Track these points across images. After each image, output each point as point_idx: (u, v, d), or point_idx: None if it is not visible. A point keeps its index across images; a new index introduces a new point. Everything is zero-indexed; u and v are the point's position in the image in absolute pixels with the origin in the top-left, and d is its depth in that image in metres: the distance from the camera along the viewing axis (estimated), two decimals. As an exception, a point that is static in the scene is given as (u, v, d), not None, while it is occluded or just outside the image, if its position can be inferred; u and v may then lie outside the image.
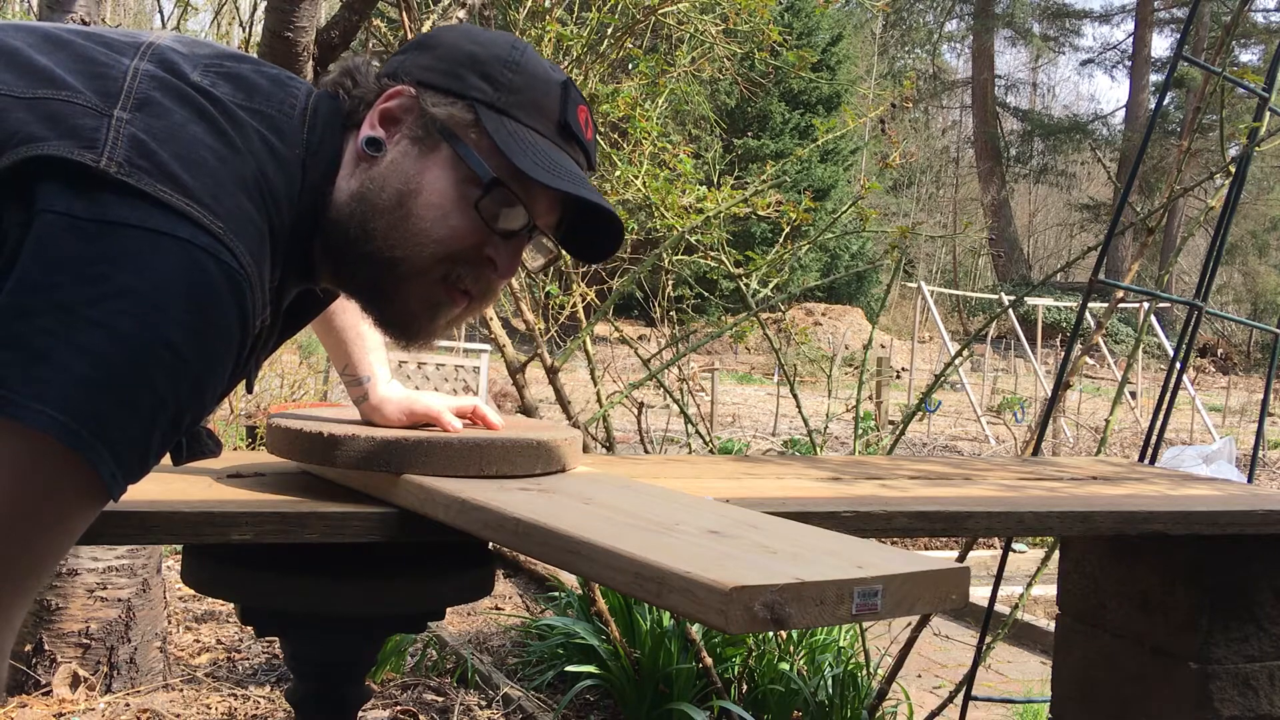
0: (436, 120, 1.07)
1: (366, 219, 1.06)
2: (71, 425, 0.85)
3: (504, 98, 1.08)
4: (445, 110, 1.07)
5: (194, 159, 0.93)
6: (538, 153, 1.08)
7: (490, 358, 8.41)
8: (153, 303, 0.87)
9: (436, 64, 1.10)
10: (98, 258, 0.87)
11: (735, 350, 19.82)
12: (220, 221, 0.92)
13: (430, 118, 1.07)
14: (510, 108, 1.09)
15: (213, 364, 0.93)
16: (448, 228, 1.07)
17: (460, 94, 1.08)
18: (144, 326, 0.87)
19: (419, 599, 1.39)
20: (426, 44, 1.13)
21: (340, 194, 1.07)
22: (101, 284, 0.86)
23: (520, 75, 1.10)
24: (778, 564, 0.98)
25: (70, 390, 0.84)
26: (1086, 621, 1.96)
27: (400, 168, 1.07)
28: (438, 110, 1.07)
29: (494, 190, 1.07)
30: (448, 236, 1.07)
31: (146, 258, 0.88)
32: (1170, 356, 2.80)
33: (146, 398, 0.88)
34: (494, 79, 1.09)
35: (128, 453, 0.89)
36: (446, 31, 1.14)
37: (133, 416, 0.88)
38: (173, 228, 0.89)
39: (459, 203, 1.07)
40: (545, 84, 1.11)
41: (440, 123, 1.07)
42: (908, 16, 36.24)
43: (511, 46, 1.11)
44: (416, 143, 1.07)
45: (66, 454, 0.86)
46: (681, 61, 4.10)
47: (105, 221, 0.88)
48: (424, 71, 1.09)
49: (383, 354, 1.47)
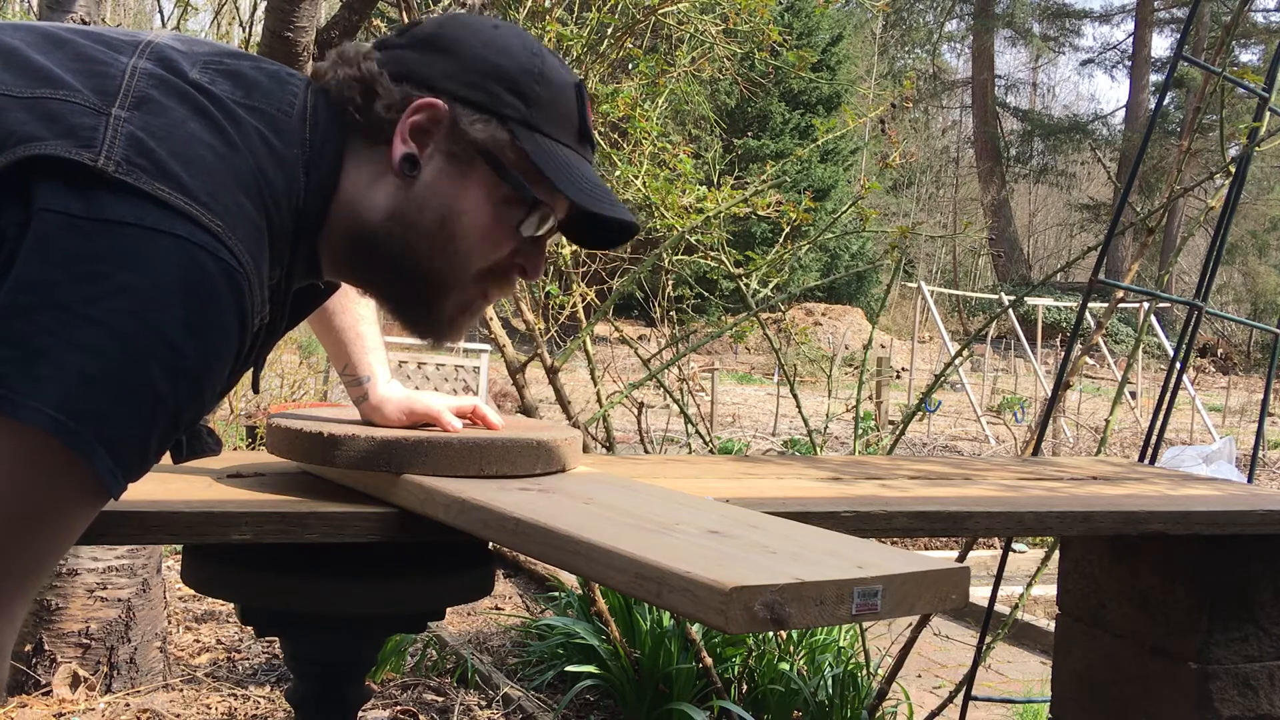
0: (476, 142, 1.07)
1: (409, 240, 1.07)
2: (70, 424, 0.85)
3: (535, 114, 1.08)
4: (482, 130, 1.07)
5: (192, 156, 0.93)
6: (573, 172, 1.09)
7: (490, 358, 8.41)
8: (150, 301, 0.87)
9: (462, 74, 1.08)
10: (95, 256, 0.87)
11: (735, 350, 19.82)
12: (218, 219, 0.92)
13: (468, 138, 1.07)
14: (541, 123, 1.09)
15: (211, 362, 0.93)
16: (492, 245, 1.10)
17: (493, 110, 1.07)
18: (142, 324, 0.87)
19: (419, 599, 1.39)
20: (443, 47, 1.09)
21: (368, 208, 1.07)
22: (99, 282, 0.86)
23: (545, 87, 1.10)
24: (778, 564, 0.98)
25: (68, 389, 0.84)
26: (1086, 621, 1.96)
27: (439, 189, 1.07)
28: (475, 131, 1.07)
29: (537, 209, 1.10)
30: (491, 253, 1.10)
31: (144, 256, 0.88)
32: (1170, 356, 2.80)
33: (145, 396, 0.88)
34: (524, 94, 1.08)
35: (126, 451, 0.89)
36: (460, 31, 1.11)
37: (131, 415, 0.88)
38: (170, 225, 0.89)
39: (501, 222, 1.10)
40: (565, 91, 1.11)
41: (479, 144, 1.07)
42: (908, 16, 36.23)
43: (532, 54, 1.11)
44: (452, 160, 1.07)
45: (65, 453, 0.86)
46: (681, 61, 4.10)
47: (103, 220, 0.88)
48: (450, 82, 1.07)
49: (383, 354, 1.47)
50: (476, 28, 1.12)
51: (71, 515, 0.90)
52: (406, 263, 1.08)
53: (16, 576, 0.88)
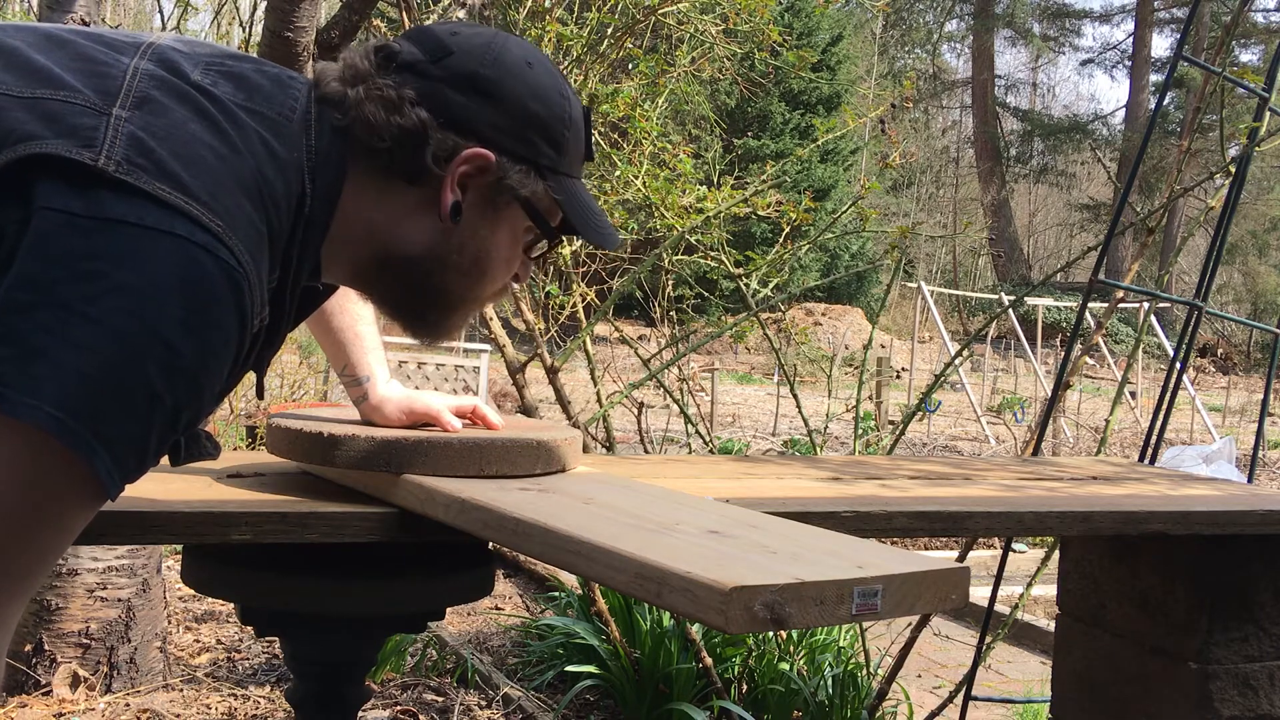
0: (515, 191, 1.12)
1: (444, 275, 1.14)
2: (68, 423, 0.85)
3: (563, 161, 1.15)
4: (521, 180, 1.12)
5: (193, 157, 0.93)
6: (589, 213, 1.17)
7: (490, 358, 8.40)
8: (150, 300, 0.87)
9: (508, 125, 1.11)
10: (95, 255, 0.87)
11: (735, 350, 19.82)
12: (218, 219, 0.92)
13: (509, 188, 1.12)
14: (567, 168, 1.16)
15: (209, 361, 0.93)
16: (508, 271, 1.19)
17: (533, 161, 1.13)
18: (141, 324, 0.87)
19: (419, 599, 1.39)
20: (487, 91, 1.10)
21: (406, 241, 1.11)
22: (98, 281, 0.86)
23: (573, 132, 1.16)
24: (778, 564, 0.98)
25: (67, 387, 0.84)
26: (1086, 621, 1.96)
27: (478, 233, 1.14)
28: (515, 181, 1.12)
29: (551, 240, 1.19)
30: (505, 276, 1.19)
31: (144, 255, 0.88)
32: (1170, 356, 2.80)
33: (143, 395, 0.88)
34: (557, 143, 1.14)
35: (125, 451, 0.89)
36: (500, 73, 1.11)
37: (130, 414, 0.88)
38: (170, 225, 0.89)
39: (518, 251, 1.18)
40: (580, 126, 1.17)
41: (519, 194, 1.12)
42: (908, 16, 36.21)
43: (562, 96, 1.15)
44: (490, 204, 1.13)
45: (64, 452, 0.85)
46: (681, 61, 4.10)
47: (102, 219, 0.88)
48: (496, 132, 1.11)
49: (381, 354, 1.47)
50: (516, 71, 1.13)
51: (70, 515, 0.90)
52: (433, 291, 1.15)
53: (14, 577, 0.88)
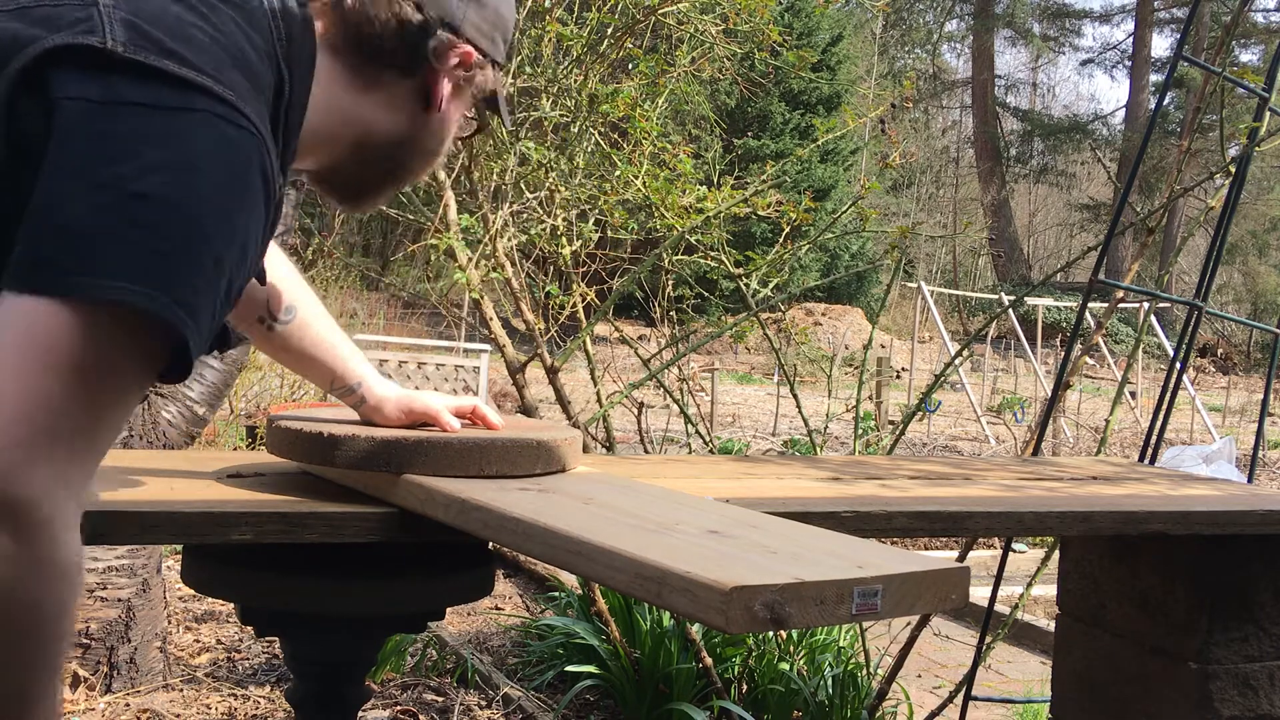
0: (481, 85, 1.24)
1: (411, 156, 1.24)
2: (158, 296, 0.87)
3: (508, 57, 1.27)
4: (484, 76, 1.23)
5: (187, 35, 0.96)
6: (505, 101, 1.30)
7: (490, 358, 8.40)
8: (188, 171, 0.90)
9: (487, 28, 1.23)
10: (126, 136, 0.89)
11: (735, 350, 19.82)
12: (229, 89, 0.94)
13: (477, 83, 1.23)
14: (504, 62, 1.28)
15: (250, 225, 0.96)
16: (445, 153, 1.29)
17: (494, 59, 1.24)
18: (187, 194, 0.89)
19: (419, 599, 1.39)
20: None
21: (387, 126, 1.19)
22: (135, 160, 0.88)
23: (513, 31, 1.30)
24: (778, 564, 0.98)
25: (140, 260, 0.87)
26: (1086, 621, 1.96)
27: (448, 119, 1.24)
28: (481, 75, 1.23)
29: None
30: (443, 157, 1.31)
31: (172, 130, 0.90)
32: (1170, 356, 2.80)
33: (206, 260, 0.91)
34: (509, 43, 1.27)
35: (204, 319, 0.92)
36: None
37: (204, 281, 0.91)
38: (189, 100, 0.92)
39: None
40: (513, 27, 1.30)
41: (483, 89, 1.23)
42: (908, 16, 36.22)
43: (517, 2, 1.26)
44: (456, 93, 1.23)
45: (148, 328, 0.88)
46: (681, 61, 4.09)
47: (124, 102, 0.90)
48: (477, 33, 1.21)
49: (362, 355, 1.45)
50: None
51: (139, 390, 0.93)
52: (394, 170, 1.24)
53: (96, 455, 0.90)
